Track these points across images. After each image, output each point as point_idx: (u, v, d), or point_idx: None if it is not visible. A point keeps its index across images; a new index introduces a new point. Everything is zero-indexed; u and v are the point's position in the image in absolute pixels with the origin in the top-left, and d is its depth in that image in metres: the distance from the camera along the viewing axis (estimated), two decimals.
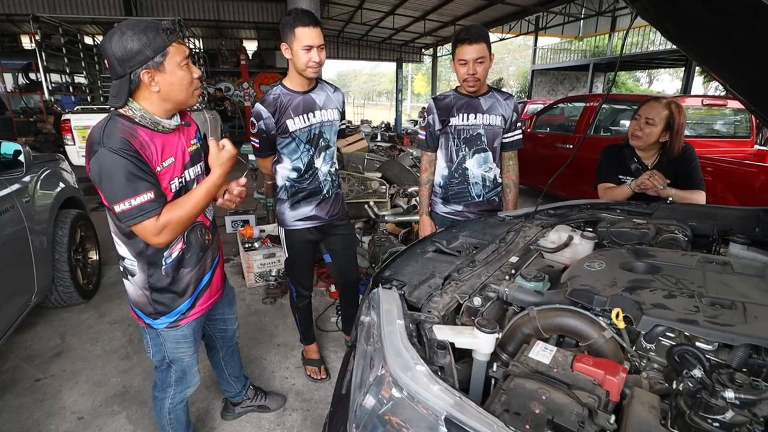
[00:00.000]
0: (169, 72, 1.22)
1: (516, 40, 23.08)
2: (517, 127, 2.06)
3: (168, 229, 1.25)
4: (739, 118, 4.59)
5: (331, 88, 2.00)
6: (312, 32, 1.71)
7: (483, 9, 11.77)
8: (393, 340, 0.82)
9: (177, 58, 1.23)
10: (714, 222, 1.50)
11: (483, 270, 1.21)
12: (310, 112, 1.89)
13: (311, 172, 1.97)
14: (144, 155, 1.21)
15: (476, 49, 1.82)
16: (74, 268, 2.95)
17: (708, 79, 17.09)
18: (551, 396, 0.71)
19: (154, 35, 1.17)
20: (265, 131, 1.86)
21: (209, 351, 1.88)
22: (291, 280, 2.20)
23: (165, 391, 1.59)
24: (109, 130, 1.18)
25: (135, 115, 1.24)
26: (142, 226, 1.21)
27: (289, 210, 2.01)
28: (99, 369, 2.40)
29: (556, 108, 6.26)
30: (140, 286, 1.40)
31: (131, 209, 1.18)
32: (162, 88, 1.23)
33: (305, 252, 2.12)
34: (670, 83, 27.42)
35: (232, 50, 14.28)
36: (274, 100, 1.84)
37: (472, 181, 2.07)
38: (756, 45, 0.95)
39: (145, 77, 1.20)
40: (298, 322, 2.30)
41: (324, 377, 2.29)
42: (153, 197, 1.20)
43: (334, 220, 2.10)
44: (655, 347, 0.87)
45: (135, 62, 1.17)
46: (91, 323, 2.87)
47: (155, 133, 1.28)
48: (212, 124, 8.22)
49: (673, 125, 1.83)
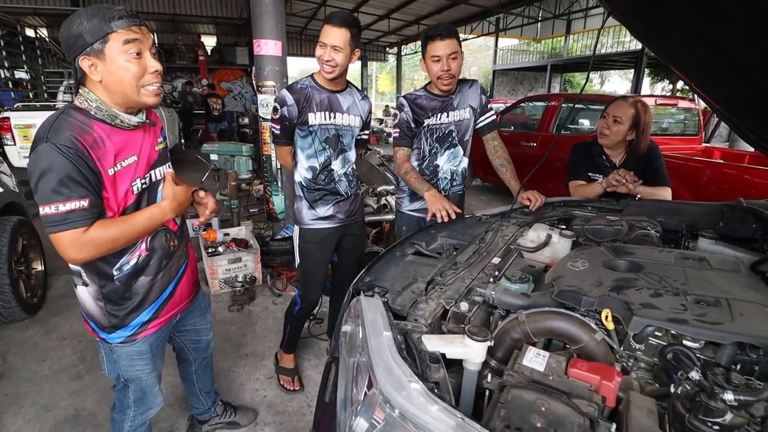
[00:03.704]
0: (109, 61, 1.10)
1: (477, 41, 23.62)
2: (488, 109, 2.07)
3: (93, 247, 1.11)
4: (688, 117, 4.86)
5: (359, 95, 1.96)
6: (329, 30, 1.70)
7: (446, 9, 11.92)
8: (382, 355, 0.76)
9: (120, 46, 1.10)
10: (681, 217, 1.55)
11: (466, 272, 1.18)
12: (333, 112, 1.85)
13: (326, 172, 1.91)
14: (93, 155, 1.10)
15: (449, 44, 1.79)
16: (16, 280, 2.69)
17: (655, 80, 18.15)
18: (550, 407, 0.68)
19: (98, 21, 1.08)
20: (287, 118, 1.81)
21: (180, 363, 1.75)
22: (300, 293, 2.05)
23: (124, 413, 1.46)
24: (57, 125, 1.08)
25: (90, 106, 1.13)
26: (62, 235, 1.07)
27: (308, 209, 1.95)
28: (47, 391, 2.19)
29: (518, 108, 6.41)
30: (94, 297, 1.27)
31: (56, 214, 1.05)
32: (103, 78, 1.12)
33: (319, 257, 2.01)
34: (620, 84, 28.91)
35: (189, 45, 13.70)
36: (300, 89, 1.80)
37: (441, 176, 2.08)
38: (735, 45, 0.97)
39: (85, 65, 1.10)
40: (288, 330, 2.17)
41: (297, 388, 2.18)
42: (86, 206, 1.08)
43: (352, 220, 2.04)
44: (643, 347, 0.86)
45: (76, 48, 1.09)
46: (37, 340, 2.63)
47: (114, 129, 1.16)
48: (169, 123, 7.84)
49: (639, 124, 1.89)
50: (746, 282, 0.92)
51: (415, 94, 1.99)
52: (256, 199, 5.31)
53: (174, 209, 1.29)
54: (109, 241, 1.14)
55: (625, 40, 15.07)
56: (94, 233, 1.10)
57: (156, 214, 1.24)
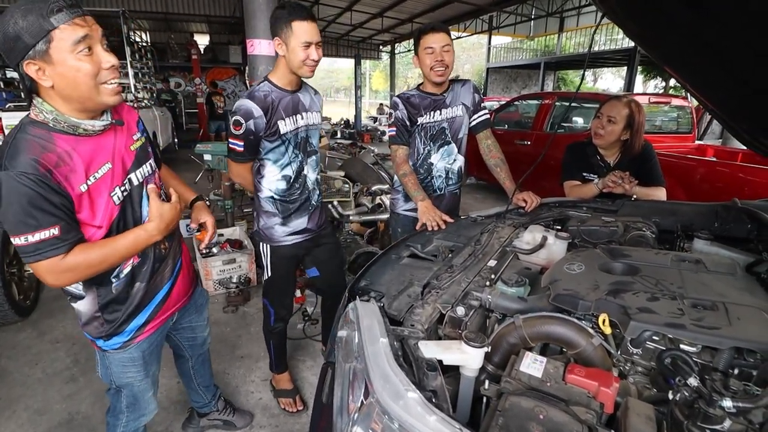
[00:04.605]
0: (57, 62, 0.97)
1: (470, 39, 23.61)
2: (481, 108, 2.06)
3: (72, 274, 1.06)
4: (681, 115, 4.88)
5: (312, 91, 1.87)
6: (310, 27, 1.58)
7: (440, 7, 11.89)
8: (379, 362, 0.75)
9: (66, 43, 0.96)
10: (676, 218, 1.55)
11: (462, 276, 1.17)
12: (298, 113, 1.75)
13: (301, 180, 1.81)
14: (58, 175, 1.00)
15: (442, 37, 1.81)
16: (8, 282, 2.66)
17: (648, 77, 18.24)
18: (549, 414, 0.68)
19: (36, 17, 0.93)
20: (253, 132, 1.64)
21: (177, 359, 1.73)
22: (270, 302, 1.98)
23: (117, 418, 1.44)
24: (14, 149, 0.97)
25: (47, 118, 1.02)
26: (38, 265, 1.02)
27: (280, 225, 1.84)
28: (40, 395, 2.16)
29: (512, 106, 6.41)
30: (90, 308, 1.24)
31: (27, 245, 0.99)
32: (55, 83, 0.99)
33: (291, 269, 1.97)
34: (613, 81, 29.04)
35: (182, 44, 13.59)
36: (264, 97, 1.64)
37: (435, 174, 2.07)
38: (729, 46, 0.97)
39: (31, 70, 0.97)
40: (272, 348, 2.10)
41: (301, 409, 2.07)
42: (57, 233, 1.00)
43: (321, 230, 1.98)
44: (640, 351, 0.86)
45: (17, 52, 0.95)
46: (30, 343, 2.60)
47: (79, 139, 1.06)
48: (162, 122, 7.77)
49: (633, 123, 1.89)
50: (742, 285, 0.92)
51: (408, 93, 1.99)
52: (250, 198, 5.28)
53: (162, 230, 1.20)
54: (89, 267, 1.08)
55: (617, 38, 15.13)
56: (72, 259, 1.04)
57: (141, 237, 1.17)
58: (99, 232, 1.13)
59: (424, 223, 1.66)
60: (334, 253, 2.10)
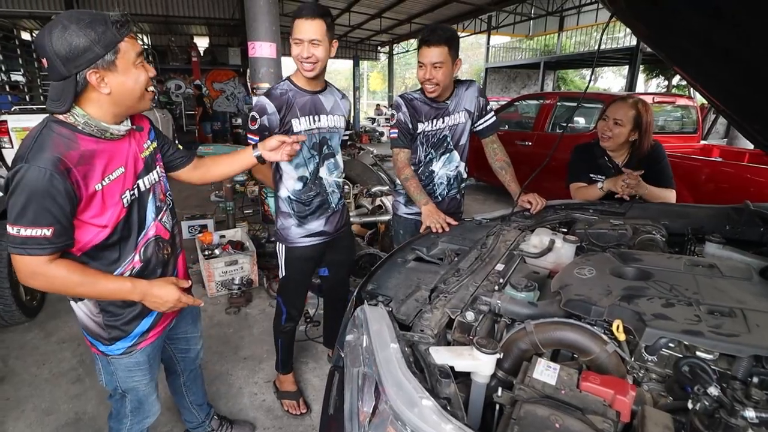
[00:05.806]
0: (121, 71, 1.07)
1: (469, 39, 23.52)
2: (487, 111, 2.01)
3: (47, 281, 1.07)
4: (685, 115, 4.85)
5: (339, 94, 1.86)
6: (305, 24, 1.57)
7: (438, 7, 11.84)
8: (390, 368, 0.74)
9: (130, 55, 1.08)
10: (686, 221, 1.53)
11: (470, 280, 1.16)
12: (317, 114, 1.75)
13: (317, 182, 1.81)
14: (76, 173, 1.03)
15: (436, 53, 1.71)
16: (15, 283, 2.65)
17: (650, 76, 18.19)
18: (565, 423, 0.66)
19: (104, 29, 1.01)
20: (267, 128, 1.67)
21: (168, 376, 1.71)
22: (283, 301, 1.99)
23: (121, 422, 1.43)
24: (40, 144, 1.01)
25: (78, 122, 1.07)
26: (18, 259, 1.03)
27: (296, 227, 1.84)
28: (47, 395, 2.16)
29: (513, 106, 6.38)
30: (90, 310, 1.23)
31: (16, 237, 1.01)
32: (113, 90, 1.07)
33: (306, 271, 1.96)
34: (614, 80, 28.97)
35: (182, 47, 13.57)
36: (280, 94, 1.68)
37: (437, 182, 2.04)
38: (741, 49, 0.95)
39: (93, 78, 1.03)
40: (280, 347, 2.10)
41: (304, 411, 2.06)
42: (49, 235, 1.01)
43: (339, 233, 1.97)
44: (655, 358, 0.84)
45: (82, 61, 1.00)
46: (37, 344, 2.60)
47: (100, 141, 1.11)
48: (163, 124, 7.77)
49: (641, 124, 1.86)
50: (759, 290, 0.91)
51: (412, 95, 1.93)
52: (251, 200, 5.27)
53: (151, 304, 1.21)
54: (63, 284, 1.08)
55: (619, 36, 15.09)
56: (54, 269, 1.05)
57: (125, 289, 1.16)
58: (103, 232, 1.14)
59: (428, 227, 1.64)
60: (347, 254, 2.11)
